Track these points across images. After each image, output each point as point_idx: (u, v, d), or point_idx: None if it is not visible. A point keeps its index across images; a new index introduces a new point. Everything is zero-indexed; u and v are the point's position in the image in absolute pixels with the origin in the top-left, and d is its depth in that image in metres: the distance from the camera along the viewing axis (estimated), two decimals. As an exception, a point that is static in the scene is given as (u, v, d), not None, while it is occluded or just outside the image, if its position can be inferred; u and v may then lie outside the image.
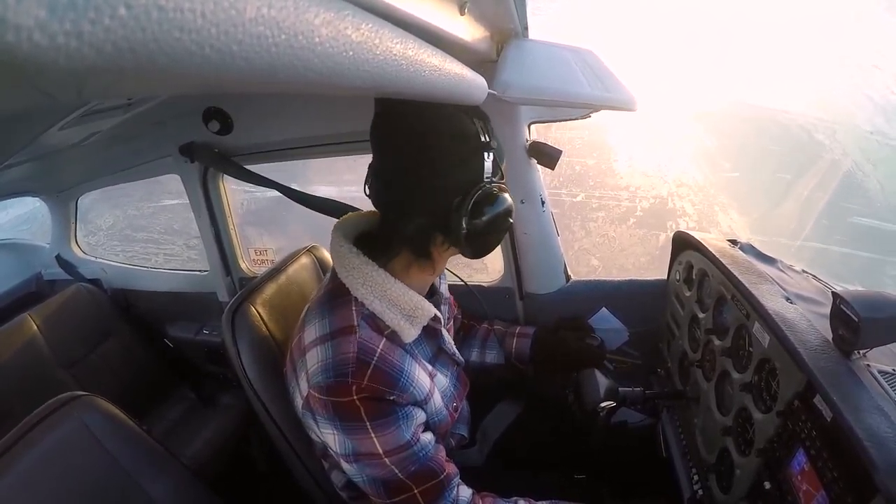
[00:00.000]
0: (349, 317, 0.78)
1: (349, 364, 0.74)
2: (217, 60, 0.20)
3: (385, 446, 0.76)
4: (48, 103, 0.17)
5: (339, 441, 0.77)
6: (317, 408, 0.77)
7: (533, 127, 1.27)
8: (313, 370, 0.76)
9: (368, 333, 0.77)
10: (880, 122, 8.65)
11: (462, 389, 1.00)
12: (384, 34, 0.35)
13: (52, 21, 0.14)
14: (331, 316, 0.80)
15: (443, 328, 0.90)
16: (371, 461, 0.77)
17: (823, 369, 0.68)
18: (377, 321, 0.79)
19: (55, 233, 2.16)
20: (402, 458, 0.77)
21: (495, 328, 1.25)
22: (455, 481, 0.85)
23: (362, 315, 0.79)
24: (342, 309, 0.80)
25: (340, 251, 0.82)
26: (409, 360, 0.80)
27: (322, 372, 0.75)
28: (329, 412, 0.75)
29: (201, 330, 1.95)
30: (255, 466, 1.84)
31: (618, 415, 1.07)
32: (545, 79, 0.91)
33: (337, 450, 0.78)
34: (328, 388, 0.74)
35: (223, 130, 1.42)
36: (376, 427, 0.75)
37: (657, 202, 6.87)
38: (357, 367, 0.74)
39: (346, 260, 0.81)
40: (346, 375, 0.73)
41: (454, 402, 0.95)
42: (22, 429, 0.85)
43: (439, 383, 0.90)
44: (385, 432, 0.75)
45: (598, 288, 1.39)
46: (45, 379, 1.66)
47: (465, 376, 1.04)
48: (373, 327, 0.78)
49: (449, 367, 0.96)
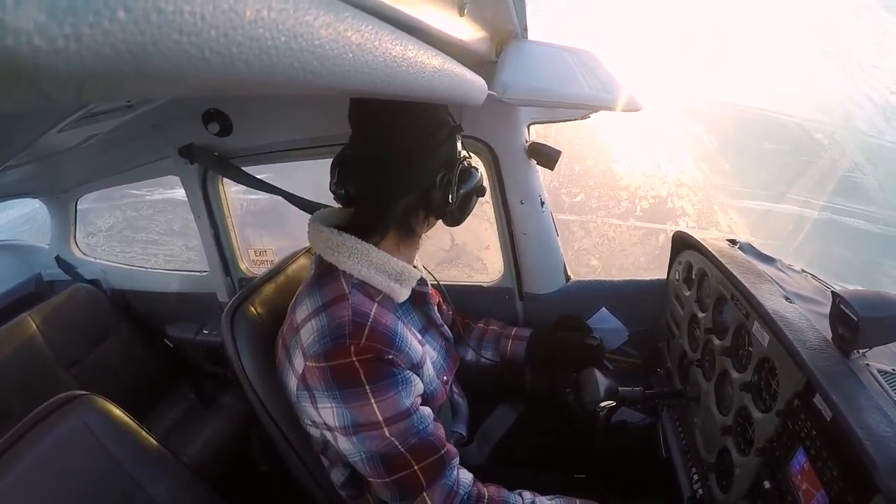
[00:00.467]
0: (340, 287, 0.81)
1: (346, 326, 0.76)
2: (217, 63, 0.20)
3: (385, 412, 0.76)
4: (48, 105, 0.17)
5: (337, 413, 0.76)
6: (314, 381, 0.77)
7: (532, 127, 1.28)
8: (309, 342, 0.78)
9: (360, 299, 0.80)
10: (880, 123, 8.65)
11: (452, 364, 1.03)
12: (384, 36, 0.35)
13: (52, 24, 0.14)
14: (320, 291, 0.82)
15: (429, 294, 0.95)
16: (371, 432, 0.76)
17: (823, 369, 0.68)
18: (367, 288, 0.82)
19: (55, 234, 2.16)
20: (401, 429, 0.77)
21: (490, 328, 1.25)
22: (455, 462, 0.85)
23: (352, 284, 0.82)
24: (332, 283, 0.82)
25: (321, 235, 0.85)
26: (400, 324, 0.83)
27: (319, 340, 0.76)
28: (327, 380, 0.75)
29: (201, 330, 1.95)
30: (255, 466, 1.84)
31: (618, 414, 1.07)
32: (545, 80, 0.91)
33: (336, 423, 0.77)
34: (326, 353, 0.75)
35: (223, 132, 1.42)
36: (376, 391, 0.75)
37: (657, 202, 6.87)
38: (354, 328, 0.76)
39: (329, 241, 0.83)
40: (344, 337, 0.75)
41: (444, 375, 0.97)
42: (22, 428, 0.85)
43: (429, 354, 0.92)
44: (384, 396, 0.76)
45: (598, 288, 1.39)
46: (45, 379, 1.66)
47: (455, 353, 1.07)
48: (364, 293, 0.81)
49: (438, 340, 1.00)
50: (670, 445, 1.11)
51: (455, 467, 0.84)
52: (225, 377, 1.94)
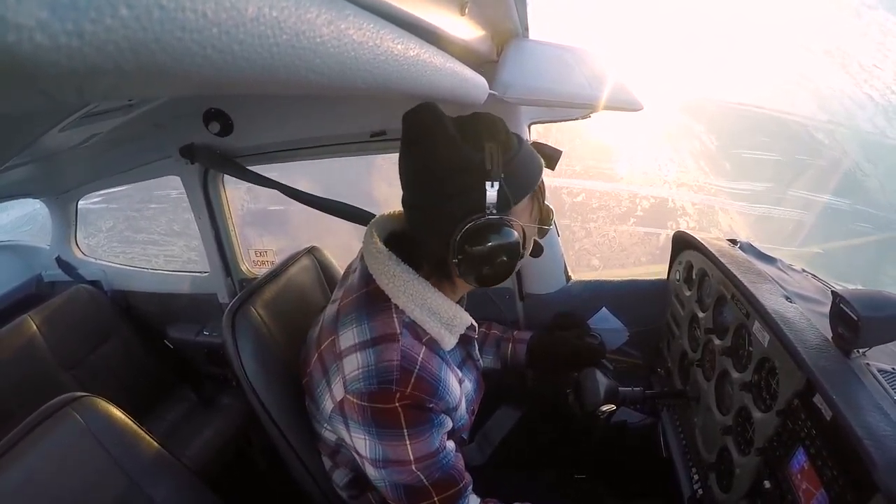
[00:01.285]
0: (391, 324, 0.78)
1: (393, 371, 0.74)
2: (218, 61, 0.20)
3: (416, 453, 0.76)
4: (49, 104, 0.17)
5: (370, 447, 0.77)
6: (352, 414, 0.76)
7: (533, 128, 1.28)
8: (352, 376, 0.76)
9: (410, 341, 0.77)
10: (881, 122, 8.65)
11: (480, 392, 1.01)
12: (385, 34, 0.35)
13: (54, 21, 0.14)
14: (370, 321, 0.79)
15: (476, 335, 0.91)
16: (399, 468, 0.77)
17: (823, 368, 0.68)
18: (417, 329, 0.79)
19: (55, 234, 2.16)
20: (428, 465, 0.78)
21: (491, 332, 1.24)
22: (469, 489, 0.85)
23: (403, 323, 0.78)
24: (383, 315, 0.79)
25: (379, 257, 0.81)
26: (444, 368, 0.81)
27: (364, 378, 0.74)
28: (366, 418, 0.75)
29: (201, 331, 1.95)
30: (255, 467, 1.84)
31: (618, 414, 1.07)
32: (545, 79, 0.91)
33: (367, 455, 0.78)
34: (370, 394, 0.74)
35: (223, 132, 1.42)
36: (412, 434, 0.75)
37: (657, 202, 6.87)
38: (401, 375, 0.74)
39: (386, 267, 0.80)
40: (391, 383, 0.73)
41: (472, 406, 0.95)
42: (22, 430, 0.85)
43: (465, 388, 0.90)
44: (419, 440, 0.76)
45: (599, 288, 1.39)
46: (46, 380, 1.66)
47: (483, 382, 1.03)
48: (413, 335, 0.78)
49: (472, 372, 0.96)
50: (670, 445, 1.11)
51: (468, 495, 0.85)
52: (225, 378, 1.94)
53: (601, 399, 0.99)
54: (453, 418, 0.84)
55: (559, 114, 1.28)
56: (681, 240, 1.25)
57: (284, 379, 0.96)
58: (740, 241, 1.15)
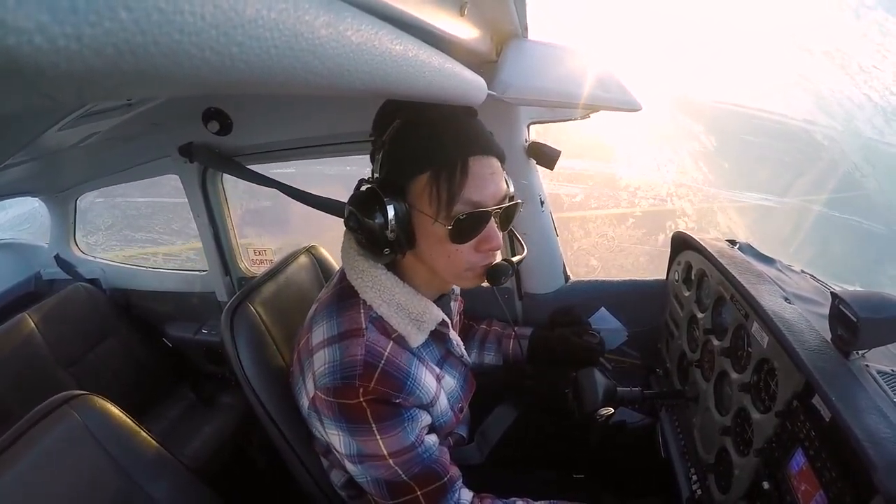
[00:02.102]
0: (357, 319, 0.78)
1: (357, 366, 0.73)
2: (217, 62, 0.20)
3: (389, 448, 0.76)
4: (48, 105, 0.17)
5: (343, 442, 0.77)
6: (323, 409, 0.77)
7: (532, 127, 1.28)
8: (320, 371, 0.76)
9: (376, 336, 0.77)
10: (880, 123, 8.66)
11: (468, 391, 1.00)
12: (384, 35, 0.35)
13: (53, 24, 0.14)
14: (339, 318, 0.79)
15: (450, 331, 0.89)
16: (375, 462, 0.77)
17: (822, 369, 0.68)
18: (385, 325, 0.79)
19: (54, 233, 2.16)
20: (406, 460, 0.77)
21: (492, 329, 1.25)
22: (458, 484, 0.85)
23: (370, 318, 0.78)
24: (350, 311, 0.79)
25: (350, 252, 0.81)
26: (415, 363, 0.80)
27: (329, 374, 0.75)
28: (335, 414, 0.75)
29: (200, 329, 1.95)
30: (255, 466, 1.84)
31: (617, 414, 1.07)
32: (545, 79, 0.91)
33: (342, 451, 0.78)
34: (335, 389, 0.74)
35: (222, 131, 1.42)
36: (381, 429, 0.75)
37: (656, 202, 6.87)
38: (364, 370, 0.73)
39: (355, 262, 0.80)
40: (354, 378, 0.73)
41: (459, 404, 0.94)
42: (20, 428, 0.84)
43: (447, 385, 0.89)
44: (390, 434, 0.76)
45: (598, 288, 1.39)
46: (44, 378, 1.66)
47: (473, 378, 1.03)
48: (381, 330, 0.78)
49: (457, 369, 0.95)
50: (669, 446, 1.11)
51: (458, 489, 0.84)
52: (224, 376, 1.94)
53: (599, 399, 0.99)
54: (432, 414, 0.83)
55: (559, 114, 1.28)
56: (679, 240, 1.25)
57: (283, 377, 0.96)
58: (739, 241, 1.15)
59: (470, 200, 0.72)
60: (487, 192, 0.73)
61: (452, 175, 0.71)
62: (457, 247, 0.74)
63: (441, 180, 0.71)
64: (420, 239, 0.75)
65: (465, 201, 0.72)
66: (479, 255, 0.77)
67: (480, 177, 0.73)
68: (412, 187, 0.73)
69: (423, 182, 0.72)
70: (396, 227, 0.72)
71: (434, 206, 0.72)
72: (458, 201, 0.71)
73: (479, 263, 0.77)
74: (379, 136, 0.73)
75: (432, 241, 0.75)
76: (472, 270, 0.78)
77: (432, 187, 0.71)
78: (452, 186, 0.71)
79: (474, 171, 0.72)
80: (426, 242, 0.75)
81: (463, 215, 0.71)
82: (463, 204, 0.72)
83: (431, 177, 0.71)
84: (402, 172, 0.73)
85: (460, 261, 0.76)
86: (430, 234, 0.74)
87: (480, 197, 0.73)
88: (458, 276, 0.78)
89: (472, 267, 0.77)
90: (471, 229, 0.74)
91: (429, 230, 0.74)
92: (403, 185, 0.73)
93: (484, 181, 0.73)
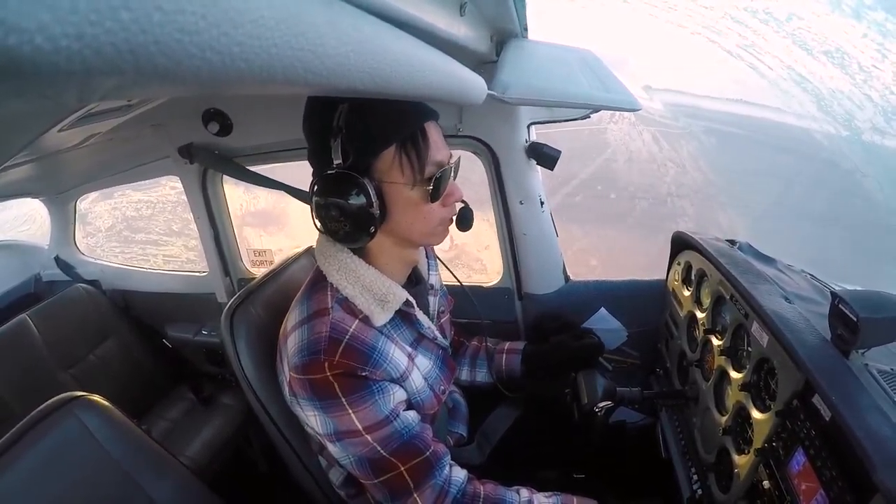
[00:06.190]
0: (324, 300, 0.82)
1: (321, 342, 0.76)
2: (217, 62, 0.20)
3: (363, 422, 0.77)
4: (49, 105, 0.17)
5: (320, 421, 0.79)
6: (297, 389, 0.79)
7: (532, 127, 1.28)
8: (291, 352, 0.79)
9: (341, 315, 0.80)
10: (880, 123, 8.66)
11: (449, 373, 1.01)
12: (384, 35, 0.35)
13: (54, 24, 0.14)
14: (308, 301, 0.83)
15: (417, 312, 0.90)
16: (353, 439, 0.79)
17: (822, 369, 0.68)
18: (351, 305, 0.82)
19: (54, 234, 2.15)
20: (383, 436, 0.79)
21: (484, 345, 1.24)
22: (445, 460, 0.86)
23: (336, 298, 0.82)
24: (319, 294, 0.83)
25: (321, 239, 0.86)
26: (382, 339, 0.82)
27: (298, 353, 0.78)
28: (307, 391, 0.77)
29: (200, 331, 1.95)
30: (255, 466, 1.84)
31: (617, 415, 1.07)
32: (545, 79, 0.91)
33: (320, 430, 0.80)
34: (303, 366, 0.77)
35: (222, 132, 1.42)
36: (351, 402, 0.77)
37: (656, 202, 6.88)
38: (329, 345, 0.76)
39: (324, 247, 0.85)
40: (319, 353, 0.76)
41: (441, 386, 0.95)
42: (21, 429, 0.84)
43: (421, 365, 0.90)
44: (361, 407, 0.77)
45: (597, 288, 1.39)
46: (44, 380, 1.65)
47: (453, 361, 1.05)
48: (347, 310, 0.81)
49: (432, 352, 0.96)
50: (669, 445, 1.11)
51: (445, 466, 0.85)
52: (224, 377, 1.94)
53: (599, 398, 0.99)
54: (406, 389, 0.85)
55: (559, 114, 1.28)
56: (679, 240, 1.25)
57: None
58: (739, 241, 1.15)
59: (435, 161, 0.79)
60: (444, 151, 0.82)
61: (416, 142, 0.77)
62: (430, 206, 0.80)
63: (409, 149, 0.77)
64: (393, 209, 0.79)
65: (431, 162, 0.79)
66: (447, 209, 0.85)
67: (436, 139, 0.80)
68: (378, 163, 0.77)
69: (390, 155, 0.76)
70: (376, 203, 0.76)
71: (409, 173, 0.77)
72: (427, 163, 0.78)
73: (447, 216, 0.85)
74: (327, 126, 0.74)
75: (408, 207, 0.80)
76: (443, 224, 0.85)
77: (402, 157, 0.77)
78: (420, 152, 0.77)
79: (431, 135, 0.79)
80: (401, 211, 0.79)
81: (438, 174, 0.78)
82: (431, 165, 0.79)
83: (399, 147, 0.76)
84: (367, 150, 0.75)
85: (433, 218, 0.82)
86: (406, 201, 0.79)
87: (441, 156, 0.81)
88: (432, 233, 0.85)
89: (443, 220, 0.85)
90: (443, 186, 0.81)
91: (404, 197, 0.79)
92: (370, 162, 0.76)
93: (439, 142, 0.81)
